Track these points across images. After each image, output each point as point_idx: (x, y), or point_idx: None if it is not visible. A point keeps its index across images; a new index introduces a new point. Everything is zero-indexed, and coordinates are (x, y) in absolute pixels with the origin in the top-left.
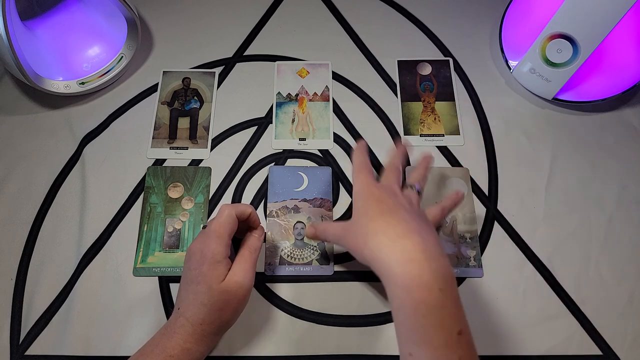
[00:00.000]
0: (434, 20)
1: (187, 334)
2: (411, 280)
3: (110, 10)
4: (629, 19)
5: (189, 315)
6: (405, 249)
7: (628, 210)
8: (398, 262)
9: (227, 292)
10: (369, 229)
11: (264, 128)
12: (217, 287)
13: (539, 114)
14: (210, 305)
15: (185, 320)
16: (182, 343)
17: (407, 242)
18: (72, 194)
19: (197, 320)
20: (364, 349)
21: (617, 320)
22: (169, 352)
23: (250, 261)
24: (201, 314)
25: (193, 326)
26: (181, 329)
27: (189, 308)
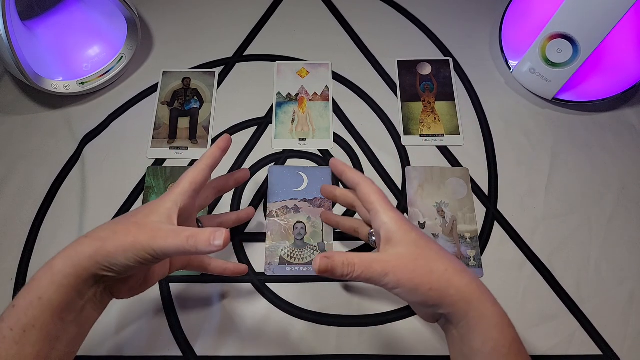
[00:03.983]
0: (434, 20)
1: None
2: (503, 318)
3: (110, 10)
4: (629, 19)
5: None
6: (485, 288)
7: (628, 210)
8: (490, 301)
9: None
10: (444, 265)
11: (264, 128)
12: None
13: (539, 114)
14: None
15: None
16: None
17: (480, 282)
18: (72, 194)
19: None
20: (364, 349)
21: (617, 320)
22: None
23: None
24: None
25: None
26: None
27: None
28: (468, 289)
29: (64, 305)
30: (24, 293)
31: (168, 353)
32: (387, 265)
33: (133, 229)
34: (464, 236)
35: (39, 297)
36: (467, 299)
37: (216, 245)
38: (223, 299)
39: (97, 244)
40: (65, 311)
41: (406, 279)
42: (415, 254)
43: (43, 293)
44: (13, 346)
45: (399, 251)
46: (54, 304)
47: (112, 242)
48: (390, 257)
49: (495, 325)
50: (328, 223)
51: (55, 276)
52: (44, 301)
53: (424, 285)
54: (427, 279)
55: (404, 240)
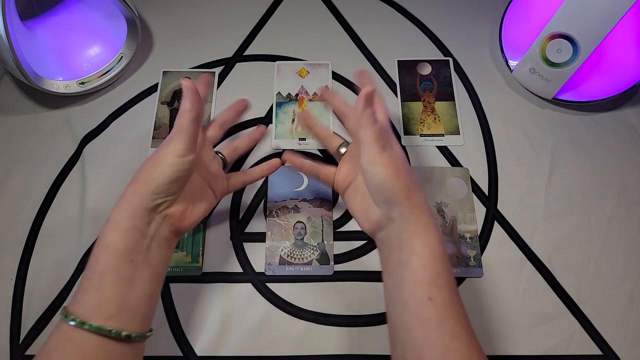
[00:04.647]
0: (434, 20)
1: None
2: (440, 238)
3: (110, 10)
4: (629, 19)
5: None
6: (431, 214)
7: (628, 210)
8: (433, 222)
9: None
10: (414, 182)
11: None
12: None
13: (539, 114)
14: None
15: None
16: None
17: (429, 212)
18: (72, 194)
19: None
20: (364, 349)
21: (617, 320)
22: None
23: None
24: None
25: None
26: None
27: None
28: (425, 201)
29: (130, 248)
30: (95, 246)
31: (168, 353)
32: (391, 146)
33: (158, 151)
34: (464, 236)
35: (105, 246)
36: (422, 208)
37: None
38: (223, 299)
39: (135, 182)
40: (133, 253)
41: (395, 166)
42: (405, 158)
43: (108, 241)
44: (93, 292)
45: (399, 147)
46: (120, 248)
47: (146, 169)
48: (393, 143)
49: (434, 235)
50: (292, 163)
51: (113, 224)
52: (110, 249)
53: (403, 179)
54: (407, 177)
55: (398, 144)
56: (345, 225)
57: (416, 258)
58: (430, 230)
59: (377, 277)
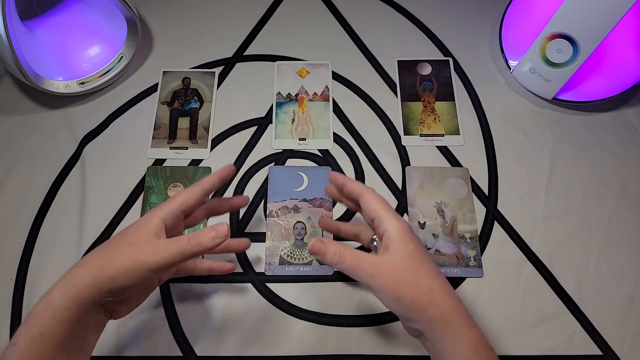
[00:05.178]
0: (434, 20)
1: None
2: (479, 341)
3: (110, 10)
4: (629, 19)
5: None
6: (465, 312)
7: (628, 211)
8: (468, 326)
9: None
10: (431, 282)
11: (264, 128)
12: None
13: (539, 114)
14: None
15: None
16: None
17: (463, 305)
18: (72, 194)
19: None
20: (364, 349)
21: (617, 320)
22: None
23: (173, 247)
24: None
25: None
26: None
27: None
28: (448, 310)
29: (67, 338)
30: (24, 330)
31: (168, 353)
32: (376, 268)
33: (128, 250)
34: (464, 236)
35: (40, 333)
36: (445, 321)
37: (221, 236)
38: (223, 299)
39: (94, 272)
40: (69, 342)
41: (390, 287)
42: (407, 266)
43: (45, 328)
44: None
45: (393, 259)
46: (57, 338)
47: (110, 266)
48: (382, 261)
49: (470, 349)
50: (327, 229)
51: (55, 310)
52: (46, 337)
53: (406, 297)
54: (410, 291)
55: (400, 250)
56: None
57: None
58: (462, 345)
59: None
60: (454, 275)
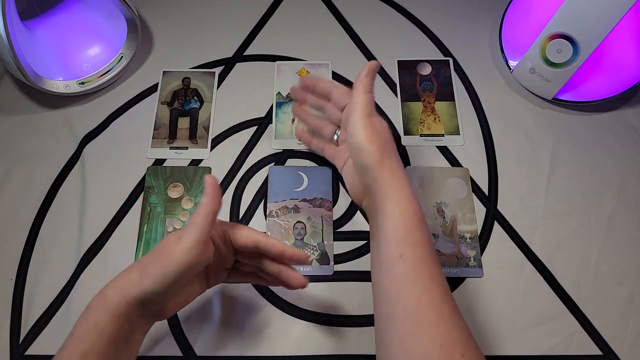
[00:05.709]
0: (434, 20)
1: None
2: (412, 195)
3: (110, 10)
4: (629, 19)
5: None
6: (404, 177)
7: (628, 210)
8: (406, 183)
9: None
10: (392, 146)
11: (264, 128)
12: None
13: (539, 114)
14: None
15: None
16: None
17: (403, 174)
18: (72, 194)
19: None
20: (364, 349)
21: (617, 320)
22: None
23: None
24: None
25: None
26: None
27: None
28: (397, 165)
29: (117, 332)
30: (81, 321)
31: (168, 353)
32: (370, 115)
33: (169, 249)
34: (464, 236)
35: (95, 323)
36: (394, 172)
37: (210, 182)
38: (223, 299)
39: (141, 271)
40: (118, 337)
41: (371, 131)
42: (386, 128)
43: (98, 320)
44: None
45: (379, 118)
46: (109, 330)
47: (153, 266)
48: (374, 116)
49: (405, 197)
50: (302, 139)
51: (108, 305)
52: (99, 327)
53: (376, 143)
54: (381, 142)
55: (381, 117)
56: (345, 225)
57: (388, 220)
58: (402, 192)
59: None
60: (454, 275)
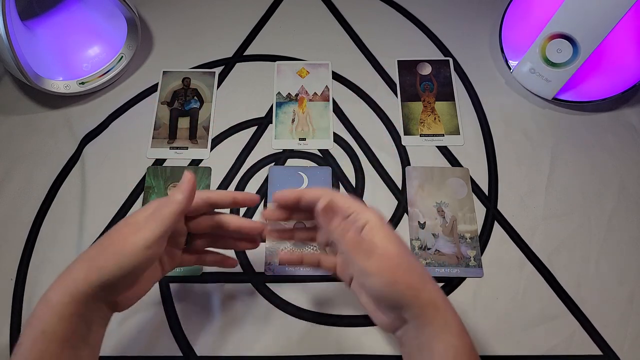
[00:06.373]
0: (434, 20)
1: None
2: (462, 326)
3: (110, 10)
4: (628, 19)
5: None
6: (447, 298)
7: (628, 210)
8: (452, 310)
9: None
10: (422, 269)
11: (264, 128)
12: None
13: (539, 114)
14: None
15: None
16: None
17: (446, 303)
18: (72, 194)
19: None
20: (363, 349)
21: (617, 320)
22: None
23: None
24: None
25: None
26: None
27: None
28: (438, 295)
29: (70, 334)
30: (27, 330)
31: (168, 353)
32: (375, 249)
33: (117, 237)
34: (464, 236)
35: (42, 331)
36: (435, 305)
37: (187, 178)
38: (223, 299)
39: (87, 264)
40: (73, 338)
41: (387, 270)
42: (400, 251)
43: (46, 326)
44: None
45: (385, 244)
46: (59, 334)
47: (101, 256)
48: (378, 243)
49: (456, 334)
50: (290, 263)
51: (54, 308)
52: (47, 334)
53: (403, 281)
54: (407, 276)
55: (390, 237)
56: None
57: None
58: (451, 329)
59: None
60: (454, 275)
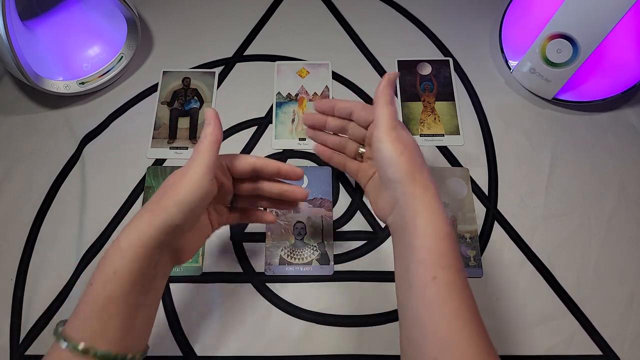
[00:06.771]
0: (434, 20)
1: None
2: (444, 213)
3: (110, 10)
4: (628, 19)
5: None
6: (436, 193)
7: (628, 210)
8: (438, 200)
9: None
10: (423, 162)
11: (264, 128)
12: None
13: (539, 114)
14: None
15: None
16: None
17: (435, 190)
18: (72, 194)
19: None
20: (364, 349)
21: (617, 320)
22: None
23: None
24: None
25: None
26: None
27: None
28: (429, 182)
29: (138, 276)
30: (99, 272)
31: (168, 353)
32: (400, 127)
33: (174, 182)
34: (464, 236)
35: (114, 272)
36: (425, 186)
37: (210, 114)
38: (223, 299)
39: (150, 211)
40: (141, 281)
41: (399, 144)
42: (414, 140)
43: (117, 267)
44: (99, 318)
45: (405, 130)
46: (129, 274)
47: (162, 202)
48: (400, 128)
49: (438, 215)
50: (323, 154)
51: (124, 251)
52: (119, 274)
53: (408, 156)
54: (413, 155)
55: (410, 136)
56: (345, 225)
57: (419, 239)
58: (434, 209)
59: (377, 277)
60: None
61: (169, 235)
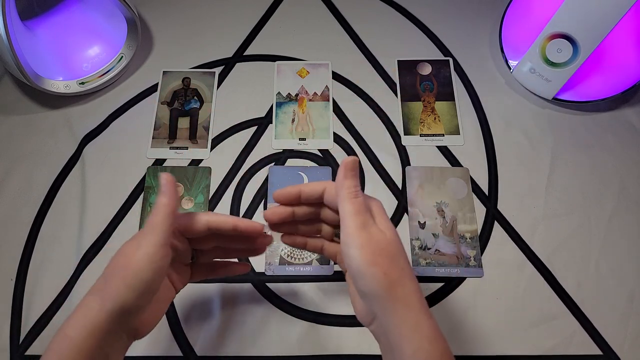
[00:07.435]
0: (434, 20)
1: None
2: (436, 331)
3: (110, 10)
4: (628, 19)
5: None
6: (425, 301)
7: (628, 210)
8: (427, 314)
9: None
10: (406, 266)
11: (264, 128)
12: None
13: (539, 114)
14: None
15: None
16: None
17: (421, 304)
18: (72, 194)
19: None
20: (364, 349)
21: (617, 320)
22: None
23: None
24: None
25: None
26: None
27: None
28: (414, 294)
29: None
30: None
31: (168, 353)
32: (371, 226)
33: (123, 261)
34: (464, 236)
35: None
36: (408, 304)
37: (165, 177)
38: (223, 299)
39: (99, 294)
40: None
41: (373, 249)
42: (393, 241)
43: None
44: None
45: (384, 228)
46: None
47: (112, 283)
48: (377, 223)
49: (428, 338)
50: (294, 245)
51: (72, 342)
52: None
53: (382, 267)
54: (388, 264)
55: (386, 223)
56: None
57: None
58: (422, 331)
59: None
60: (454, 275)
61: (122, 318)
